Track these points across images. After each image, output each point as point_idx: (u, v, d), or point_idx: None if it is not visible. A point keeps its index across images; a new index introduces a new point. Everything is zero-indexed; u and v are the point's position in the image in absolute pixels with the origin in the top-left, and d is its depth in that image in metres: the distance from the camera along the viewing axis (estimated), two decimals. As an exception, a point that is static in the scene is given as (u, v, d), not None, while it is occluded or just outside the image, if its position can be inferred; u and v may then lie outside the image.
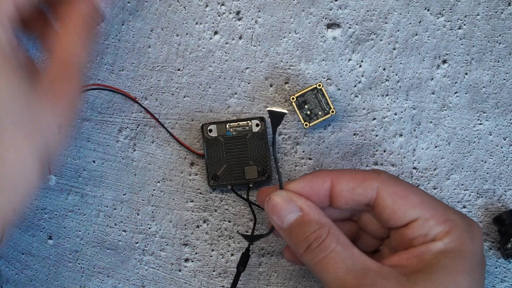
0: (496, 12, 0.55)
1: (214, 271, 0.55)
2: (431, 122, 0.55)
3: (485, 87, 0.55)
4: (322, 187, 0.47)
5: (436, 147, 0.55)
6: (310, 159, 0.55)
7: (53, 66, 0.46)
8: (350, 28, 0.55)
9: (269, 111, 0.47)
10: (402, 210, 0.46)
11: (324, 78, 0.55)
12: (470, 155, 0.55)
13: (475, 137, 0.55)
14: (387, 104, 0.55)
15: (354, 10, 0.56)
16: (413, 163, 0.55)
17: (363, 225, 0.50)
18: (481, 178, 0.55)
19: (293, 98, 0.53)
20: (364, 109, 0.55)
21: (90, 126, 0.56)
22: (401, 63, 0.55)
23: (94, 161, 0.56)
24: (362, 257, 0.45)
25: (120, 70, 0.56)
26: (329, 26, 0.56)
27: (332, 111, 0.53)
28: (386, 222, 0.47)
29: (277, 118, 0.47)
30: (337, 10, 0.56)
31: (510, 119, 0.55)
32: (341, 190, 0.47)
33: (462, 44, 0.55)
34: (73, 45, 0.46)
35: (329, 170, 0.49)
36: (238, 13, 0.56)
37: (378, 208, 0.47)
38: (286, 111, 0.47)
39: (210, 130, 0.54)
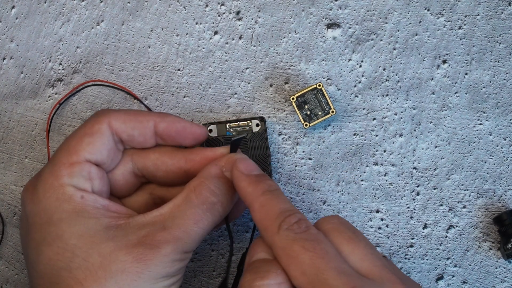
0: (496, 12, 0.55)
1: (214, 271, 0.55)
2: (431, 122, 0.55)
3: (485, 87, 0.55)
4: None
5: (436, 147, 0.55)
6: (310, 159, 0.55)
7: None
8: (350, 28, 0.55)
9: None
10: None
11: (324, 78, 0.55)
12: (470, 155, 0.55)
13: (475, 137, 0.55)
14: (387, 104, 0.55)
15: (354, 10, 0.56)
16: (413, 163, 0.55)
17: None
18: (481, 178, 0.55)
19: (293, 98, 0.53)
20: (364, 109, 0.55)
21: (90, 126, 0.56)
22: (401, 63, 0.55)
23: (94, 161, 0.56)
24: None
25: (120, 70, 0.56)
26: (329, 26, 0.56)
27: (332, 111, 0.53)
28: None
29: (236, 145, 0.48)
30: (337, 10, 0.56)
31: (510, 119, 0.55)
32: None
33: (462, 44, 0.55)
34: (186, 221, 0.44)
35: None
36: (238, 13, 0.56)
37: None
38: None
39: (210, 130, 0.54)
